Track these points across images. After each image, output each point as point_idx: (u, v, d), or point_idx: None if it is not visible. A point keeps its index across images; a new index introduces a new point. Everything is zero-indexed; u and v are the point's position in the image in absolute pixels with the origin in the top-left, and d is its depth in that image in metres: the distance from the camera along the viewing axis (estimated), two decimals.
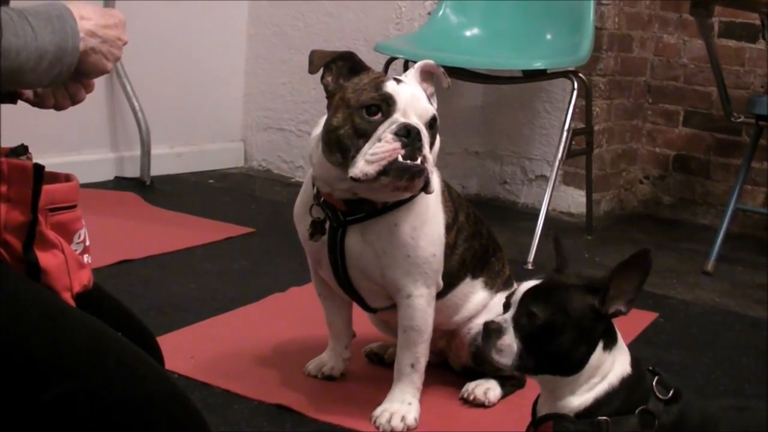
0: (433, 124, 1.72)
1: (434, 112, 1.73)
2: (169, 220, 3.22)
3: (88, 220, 1.35)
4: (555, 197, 3.57)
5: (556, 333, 1.35)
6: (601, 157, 3.85)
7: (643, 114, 4.11)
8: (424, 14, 3.77)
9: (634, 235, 3.72)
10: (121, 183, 3.67)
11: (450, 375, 2.04)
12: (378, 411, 1.83)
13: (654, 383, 1.40)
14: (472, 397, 1.95)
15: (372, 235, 1.78)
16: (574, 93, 3.23)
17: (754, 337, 2.58)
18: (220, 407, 1.84)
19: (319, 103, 2.04)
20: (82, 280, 1.31)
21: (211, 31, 4.00)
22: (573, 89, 3.24)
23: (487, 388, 1.95)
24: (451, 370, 2.05)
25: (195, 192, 3.72)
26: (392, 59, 3.29)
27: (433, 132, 1.72)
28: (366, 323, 2.08)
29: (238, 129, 4.25)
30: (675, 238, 3.71)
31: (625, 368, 1.40)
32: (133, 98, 3.66)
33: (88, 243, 1.34)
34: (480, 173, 4.04)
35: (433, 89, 1.82)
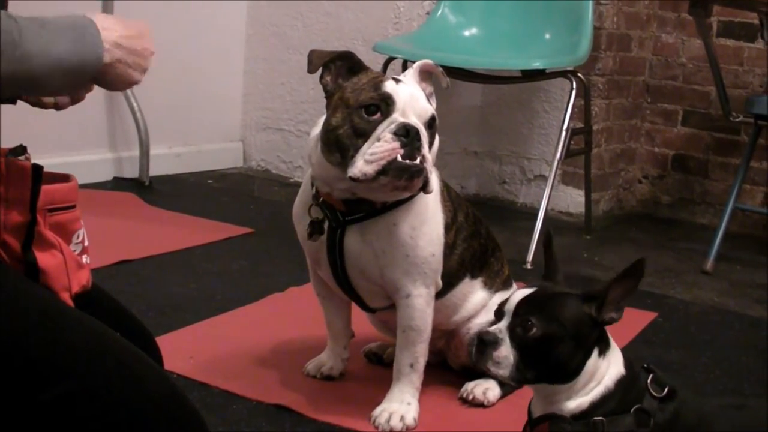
0: (432, 123, 1.72)
1: (433, 112, 1.73)
2: (168, 221, 3.22)
3: (87, 221, 1.35)
4: (554, 197, 3.57)
5: (554, 343, 1.34)
6: (599, 156, 3.85)
7: (642, 113, 4.11)
8: (422, 14, 3.77)
9: (632, 235, 3.72)
10: (120, 183, 3.67)
11: (449, 375, 2.04)
12: (377, 411, 1.83)
13: (648, 381, 1.40)
14: (471, 396, 1.95)
15: (371, 235, 1.78)
16: (573, 93, 3.24)
17: (753, 336, 2.59)
18: (219, 407, 1.84)
19: (318, 103, 2.04)
20: (81, 280, 1.31)
21: (209, 32, 4.00)
22: (572, 89, 3.24)
23: (486, 388, 1.96)
24: (450, 370, 2.05)
25: (194, 192, 3.72)
26: (391, 59, 3.29)
27: (432, 132, 1.72)
28: (365, 323, 2.08)
29: (236, 129, 4.25)
30: (674, 238, 3.71)
31: (619, 370, 1.39)
32: (132, 98, 3.66)
33: (86, 243, 1.34)
34: (479, 173, 4.04)
35: (432, 89, 1.82)
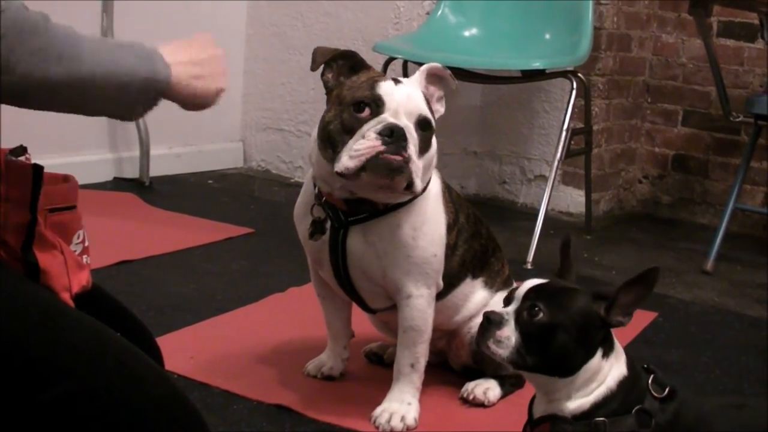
0: (426, 126, 1.70)
1: (426, 115, 1.71)
2: (168, 221, 3.22)
3: (87, 221, 1.35)
4: (554, 197, 3.57)
5: (558, 333, 1.35)
6: (600, 156, 3.85)
7: (642, 113, 4.11)
8: (422, 14, 3.77)
9: (633, 235, 3.72)
10: (120, 184, 3.67)
11: (449, 375, 2.04)
12: (377, 411, 1.83)
13: (649, 382, 1.40)
14: (471, 396, 1.95)
15: (373, 236, 1.78)
16: (573, 93, 3.24)
17: (754, 336, 2.59)
18: (220, 407, 1.84)
19: (318, 103, 2.04)
20: (81, 280, 1.31)
21: (209, 32, 3.98)
22: (572, 89, 3.24)
23: (487, 388, 1.95)
24: (450, 370, 2.05)
25: (194, 192, 3.72)
26: (391, 59, 3.29)
27: (426, 135, 1.71)
28: (365, 323, 2.08)
29: (237, 129, 4.25)
30: (674, 238, 3.71)
31: (622, 371, 1.39)
32: None
33: (87, 244, 1.34)
34: (479, 173, 4.04)
35: (442, 93, 1.81)
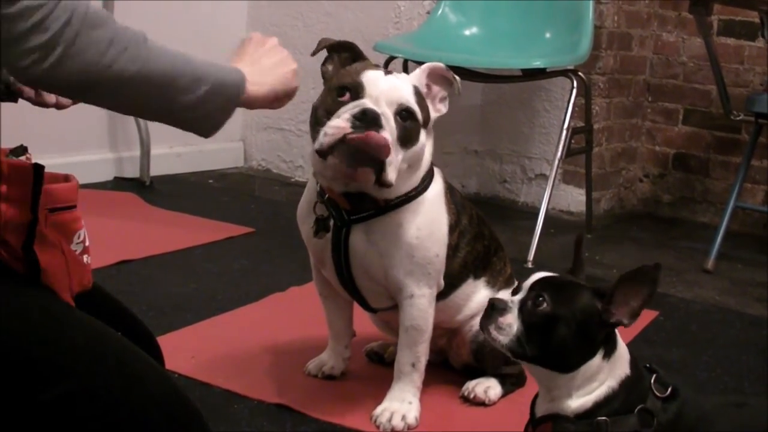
0: (408, 117, 1.70)
1: (410, 105, 1.70)
2: (169, 220, 3.22)
3: (88, 221, 1.35)
4: (555, 196, 3.57)
5: (559, 326, 1.35)
6: (600, 155, 3.85)
7: (643, 112, 4.11)
8: (423, 13, 3.77)
9: (633, 234, 3.72)
10: (121, 183, 3.67)
11: (450, 374, 2.04)
12: (378, 410, 1.83)
13: (652, 381, 1.40)
14: (472, 395, 1.95)
15: (376, 235, 1.78)
16: (574, 92, 3.23)
17: (754, 335, 2.58)
18: (221, 407, 1.84)
19: None
20: (82, 280, 1.31)
21: (209, 31, 3.99)
22: (572, 88, 3.24)
23: (488, 387, 1.95)
24: (451, 369, 2.05)
25: (194, 192, 3.72)
26: (391, 58, 3.29)
27: (409, 126, 1.70)
28: (366, 322, 2.08)
29: (237, 129, 4.25)
30: (675, 237, 3.71)
31: (624, 370, 1.39)
32: None
33: (87, 243, 1.34)
34: (479, 172, 4.04)
35: (446, 94, 1.80)
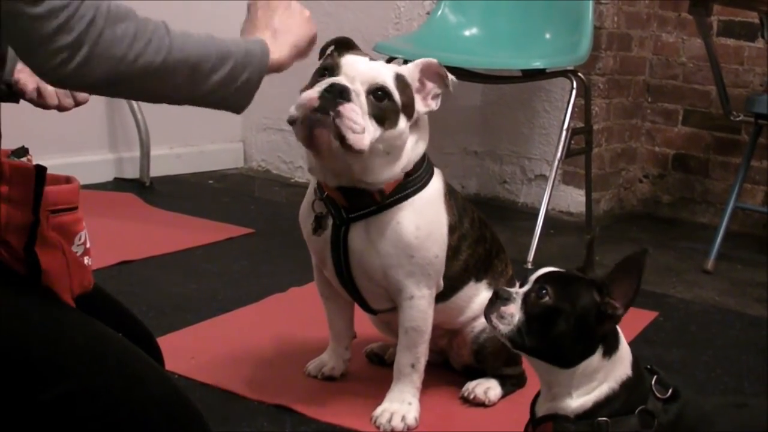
0: (381, 96, 1.70)
1: (385, 85, 1.71)
2: (169, 221, 3.22)
3: (88, 221, 1.35)
4: (554, 196, 3.57)
5: (560, 319, 1.36)
6: (600, 156, 3.85)
7: (642, 113, 4.11)
8: (423, 14, 3.77)
9: (633, 234, 3.72)
10: (121, 184, 3.67)
11: (450, 374, 2.04)
12: (378, 411, 1.83)
13: (653, 382, 1.40)
14: (472, 396, 1.95)
15: (374, 234, 1.78)
16: (573, 92, 3.23)
17: (754, 335, 2.58)
18: (221, 407, 1.85)
19: None
20: (83, 281, 1.31)
21: (209, 31, 3.99)
22: (572, 88, 3.23)
23: (488, 388, 1.96)
24: (451, 370, 2.05)
25: (194, 193, 3.73)
26: (391, 59, 3.29)
27: (384, 107, 1.70)
28: (367, 324, 2.08)
29: (237, 129, 4.25)
30: (674, 237, 3.70)
31: (626, 371, 1.40)
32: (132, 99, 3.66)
33: (88, 245, 1.34)
34: (479, 173, 4.04)
35: (440, 91, 1.80)
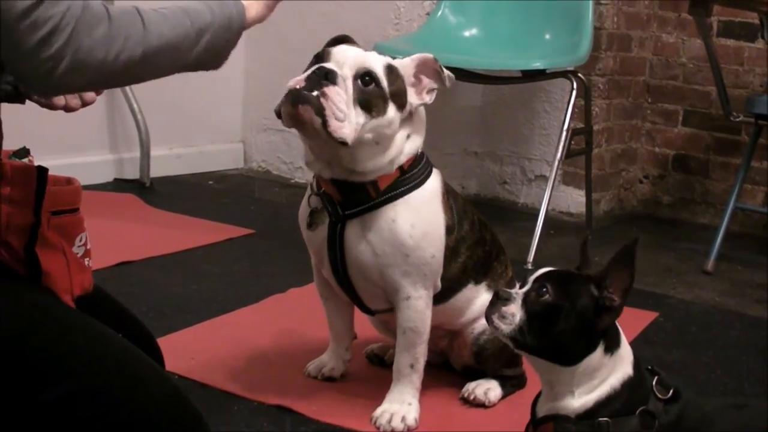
0: (368, 81, 1.71)
1: (372, 69, 1.72)
2: (169, 222, 3.22)
3: (88, 222, 1.35)
4: (555, 197, 3.57)
5: (561, 316, 1.37)
6: (600, 156, 3.85)
7: (643, 113, 4.11)
8: (422, 15, 3.77)
9: (633, 235, 3.70)
10: (121, 185, 3.67)
11: (450, 375, 2.04)
12: (378, 411, 1.83)
13: (654, 383, 1.40)
14: (472, 397, 1.95)
15: (370, 232, 1.78)
16: (573, 93, 3.23)
17: (754, 336, 2.58)
18: (221, 408, 1.85)
19: None
20: (83, 283, 1.31)
21: None
22: (572, 89, 3.24)
23: (488, 388, 1.96)
24: (451, 371, 2.05)
25: (194, 193, 3.73)
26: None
27: (371, 92, 1.70)
28: (367, 325, 2.08)
29: (237, 130, 4.25)
30: (675, 238, 3.70)
31: (627, 370, 1.40)
32: (132, 100, 3.66)
33: (89, 246, 1.34)
34: (479, 173, 4.04)
35: (435, 86, 1.80)
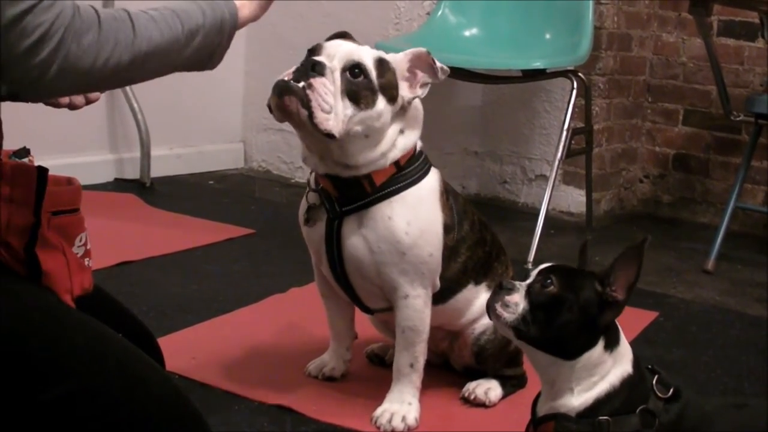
0: (356, 73, 1.71)
1: (360, 61, 1.72)
2: (169, 222, 3.22)
3: (88, 222, 1.35)
4: (555, 197, 3.57)
5: (564, 308, 1.38)
6: (600, 156, 3.85)
7: (643, 113, 4.11)
8: (423, 14, 3.77)
9: (634, 234, 3.71)
10: (121, 184, 3.67)
11: (451, 375, 2.04)
12: (378, 411, 1.83)
13: (654, 382, 1.40)
14: (472, 396, 1.95)
15: (367, 229, 1.77)
16: (574, 92, 3.23)
17: (754, 335, 2.59)
18: (221, 408, 1.85)
19: None
20: (83, 283, 1.31)
21: None
22: (572, 89, 3.23)
23: (488, 388, 1.96)
24: (451, 370, 2.05)
25: (195, 193, 3.73)
26: None
27: (359, 84, 1.70)
28: (368, 324, 2.08)
29: (237, 130, 4.25)
30: (675, 237, 3.70)
31: (626, 368, 1.40)
32: (133, 99, 3.66)
33: (89, 247, 1.34)
34: (480, 173, 4.04)
35: (429, 81, 1.79)
